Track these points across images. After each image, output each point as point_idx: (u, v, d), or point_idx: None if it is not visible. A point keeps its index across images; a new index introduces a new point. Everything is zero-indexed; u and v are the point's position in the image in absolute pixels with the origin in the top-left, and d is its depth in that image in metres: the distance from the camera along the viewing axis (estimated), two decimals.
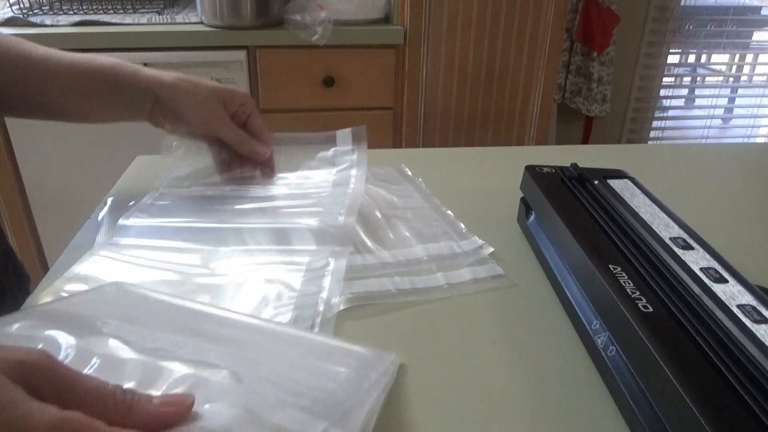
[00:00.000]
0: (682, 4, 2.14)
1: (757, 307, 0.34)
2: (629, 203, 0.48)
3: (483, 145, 1.61)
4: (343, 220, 0.49)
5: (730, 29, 2.31)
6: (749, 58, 2.50)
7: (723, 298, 0.35)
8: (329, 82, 1.45)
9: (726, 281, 0.37)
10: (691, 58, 2.40)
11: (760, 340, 0.31)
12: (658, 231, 0.43)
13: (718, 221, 0.59)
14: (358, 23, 1.45)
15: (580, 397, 0.36)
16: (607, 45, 1.98)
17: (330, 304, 0.42)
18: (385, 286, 0.45)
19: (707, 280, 0.37)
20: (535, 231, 0.51)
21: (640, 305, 0.34)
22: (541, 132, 1.61)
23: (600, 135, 2.28)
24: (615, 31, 1.99)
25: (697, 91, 2.56)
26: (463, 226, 0.55)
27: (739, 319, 0.33)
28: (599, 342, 0.37)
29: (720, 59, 2.55)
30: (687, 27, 2.25)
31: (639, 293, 0.35)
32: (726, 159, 0.76)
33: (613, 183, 0.52)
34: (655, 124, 2.38)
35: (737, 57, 2.49)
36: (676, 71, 2.33)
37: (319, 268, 0.46)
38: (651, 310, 0.34)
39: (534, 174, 0.52)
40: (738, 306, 0.35)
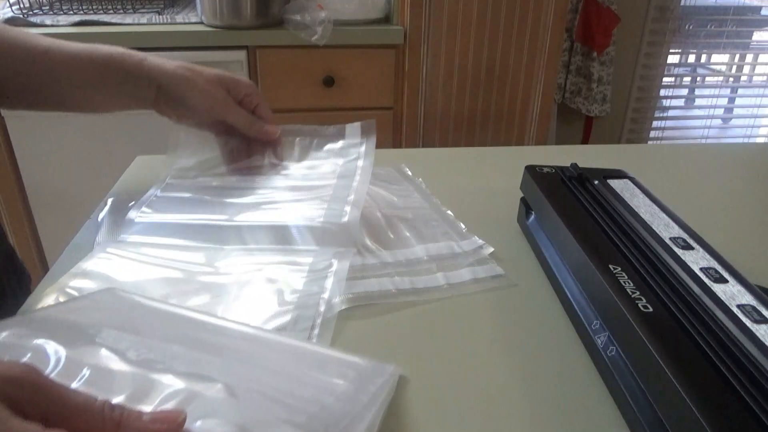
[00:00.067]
0: (682, 4, 2.14)
1: (757, 307, 0.34)
2: (629, 203, 0.48)
3: (483, 145, 1.61)
4: (347, 219, 0.49)
5: (730, 29, 2.31)
6: (749, 58, 2.50)
7: (723, 298, 0.35)
8: (329, 82, 1.45)
9: (726, 281, 0.37)
10: (691, 58, 2.40)
11: (760, 340, 0.31)
12: (658, 231, 0.43)
13: (718, 221, 0.59)
14: (358, 23, 1.45)
15: (580, 397, 0.36)
16: (607, 45, 1.98)
17: (331, 304, 0.42)
18: (385, 286, 0.45)
19: (707, 280, 0.37)
20: (535, 231, 0.51)
21: (640, 305, 0.34)
22: (541, 132, 1.61)
23: (600, 135, 2.28)
24: (615, 31, 1.99)
25: (697, 91, 2.56)
26: (463, 226, 0.55)
27: (739, 319, 0.33)
28: (599, 342, 0.37)
29: (720, 59, 2.55)
30: (687, 27, 2.25)
31: (639, 293, 0.35)
32: (726, 159, 0.76)
33: (613, 183, 0.52)
34: (655, 124, 2.38)
35: (737, 57, 2.49)
36: (676, 71, 2.33)
37: (322, 268, 0.46)
38: (651, 310, 0.34)
39: (534, 174, 0.52)
40: (738, 306, 0.35)
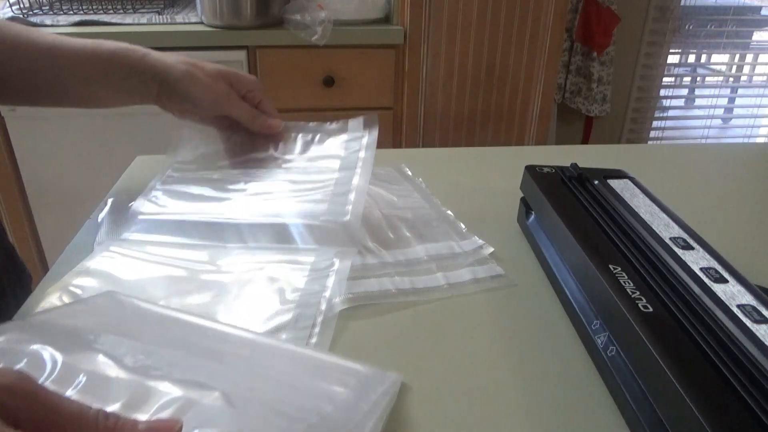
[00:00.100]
0: (682, 4, 2.14)
1: (757, 307, 0.34)
2: (629, 203, 0.48)
3: (483, 145, 1.61)
4: (349, 217, 0.49)
5: (730, 29, 2.31)
6: (749, 58, 2.50)
7: (723, 298, 0.35)
8: (329, 82, 1.45)
9: (726, 281, 0.37)
10: (691, 58, 2.40)
11: (760, 340, 0.31)
12: (658, 231, 0.43)
13: (718, 221, 0.59)
14: (358, 23, 1.45)
15: (580, 397, 0.36)
16: (607, 45, 1.98)
17: (331, 303, 0.42)
18: (385, 286, 0.45)
19: (707, 280, 0.37)
20: (535, 231, 0.51)
21: (640, 305, 0.34)
22: (541, 132, 1.61)
23: (600, 135, 2.28)
24: (615, 31, 1.99)
25: (697, 91, 2.56)
26: (463, 226, 0.55)
27: (739, 319, 0.33)
28: (599, 342, 0.37)
29: (720, 59, 2.55)
30: (687, 27, 2.25)
31: (639, 293, 0.35)
32: (726, 159, 0.76)
33: (613, 183, 0.52)
34: (655, 124, 2.38)
35: (737, 57, 2.49)
36: (676, 71, 2.33)
37: (324, 267, 0.46)
38: (651, 310, 0.34)
39: (534, 174, 0.52)
40: (738, 306, 0.35)
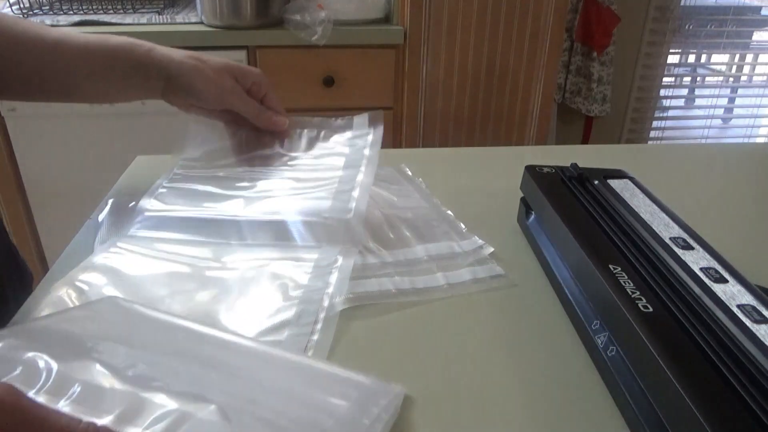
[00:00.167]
0: (682, 4, 2.14)
1: (757, 307, 0.34)
2: (629, 203, 0.48)
3: (483, 145, 1.61)
4: (352, 216, 0.49)
5: (730, 29, 2.31)
6: (749, 58, 2.50)
7: (723, 298, 0.35)
8: (329, 82, 1.45)
9: (726, 281, 0.37)
10: (691, 58, 2.40)
11: (760, 340, 0.31)
12: (658, 231, 0.43)
13: (718, 221, 0.59)
14: (358, 23, 1.45)
15: (580, 397, 0.36)
16: (607, 45, 1.98)
17: (332, 302, 0.43)
18: (385, 286, 0.45)
19: (707, 280, 0.37)
20: (535, 231, 0.51)
21: (640, 305, 0.34)
22: (541, 132, 1.61)
23: (600, 135, 2.28)
24: (615, 31, 1.99)
25: (697, 91, 2.56)
26: (463, 226, 0.55)
27: (739, 319, 0.33)
28: (599, 342, 0.37)
29: (720, 59, 2.56)
30: (687, 27, 2.25)
31: (639, 293, 0.35)
32: (726, 159, 0.76)
33: (613, 183, 0.52)
34: (655, 124, 2.38)
35: (737, 57, 2.49)
36: (676, 71, 2.33)
37: (327, 265, 0.46)
38: (651, 310, 0.34)
39: (534, 174, 0.52)
40: (738, 306, 0.35)
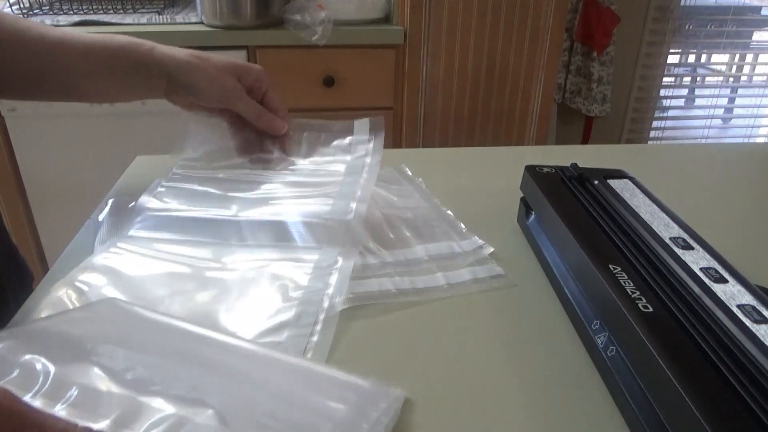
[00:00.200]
0: (682, 4, 2.14)
1: (757, 307, 0.34)
2: (629, 203, 0.48)
3: (483, 145, 1.61)
4: (353, 217, 0.49)
5: (730, 29, 2.31)
6: (749, 58, 2.50)
7: (723, 298, 0.35)
8: (329, 82, 1.45)
9: (726, 281, 0.37)
10: (691, 58, 2.40)
11: (760, 340, 0.31)
12: (658, 231, 0.43)
13: (718, 221, 0.59)
14: (358, 23, 1.45)
15: (580, 397, 0.36)
16: (607, 45, 1.98)
17: (333, 302, 0.43)
18: (385, 286, 0.45)
19: (707, 280, 0.37)
20: (535, 231, 0.51)
21: (640, 305, 0.34)
22: (541, 132, 1.61)
23: (600, 135, 2.28)
24: (615, 31, 1.99)
25: (697, 91, 2.56)
26: (463, 226, 0.55)
27: (739, 319, 0.33)
28: (599, 342, 0.37)
29: (720, 59, 2.56)
30: (687, 27, 2.25)
31: (639, 293, 0.35)
32: (726, 159, 0.76)
33: (613, 183, 0.52)
34: (655, 124, 2.38)
35: (737, 57, 2.50)
36: (676, 71, 2.33)
37: (328, 266, 0.46)
38: (651, 310, 0.34)
39: (534, 174, 0.52)
40: (738, 306, 0.35)
